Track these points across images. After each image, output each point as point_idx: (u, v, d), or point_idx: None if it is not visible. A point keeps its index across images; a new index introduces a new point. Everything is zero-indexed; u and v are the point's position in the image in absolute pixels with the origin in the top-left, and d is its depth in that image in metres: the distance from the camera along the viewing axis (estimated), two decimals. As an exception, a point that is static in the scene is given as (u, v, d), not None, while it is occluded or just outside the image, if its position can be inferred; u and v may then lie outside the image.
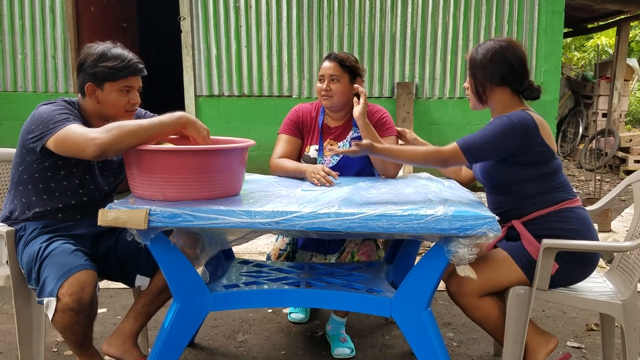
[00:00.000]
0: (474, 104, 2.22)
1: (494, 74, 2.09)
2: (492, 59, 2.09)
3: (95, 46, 2.10)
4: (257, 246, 4.14)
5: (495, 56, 2.09)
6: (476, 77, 2.13)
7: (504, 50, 2.09)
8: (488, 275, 2.04)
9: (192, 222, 1.81)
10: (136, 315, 2.20)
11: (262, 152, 5.69)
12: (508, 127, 1.99)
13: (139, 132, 1.88)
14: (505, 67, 2.08)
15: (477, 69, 2.12)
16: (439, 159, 2.06)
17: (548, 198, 2.07)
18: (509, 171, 2.08)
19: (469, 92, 2.20)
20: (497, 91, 2.12)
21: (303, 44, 5.78)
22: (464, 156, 2.02)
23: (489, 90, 2.12)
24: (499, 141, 2.00)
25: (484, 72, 2.10)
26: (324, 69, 2.59)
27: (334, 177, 2.35)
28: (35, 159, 2.05)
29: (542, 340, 2.10)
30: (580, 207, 2.11)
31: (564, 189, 2.11)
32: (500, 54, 2.09)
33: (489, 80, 2.11)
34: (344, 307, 2.18)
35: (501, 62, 2.08)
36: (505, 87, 2.11)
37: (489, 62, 2.09)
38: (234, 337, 2.74)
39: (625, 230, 4.68)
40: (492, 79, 2.10)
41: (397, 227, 1.78)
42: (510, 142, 2.00)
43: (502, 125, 2.00)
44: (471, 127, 5.81)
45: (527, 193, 2.08)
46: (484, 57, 2.10)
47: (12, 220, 2.14)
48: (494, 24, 5.74)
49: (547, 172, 2.07)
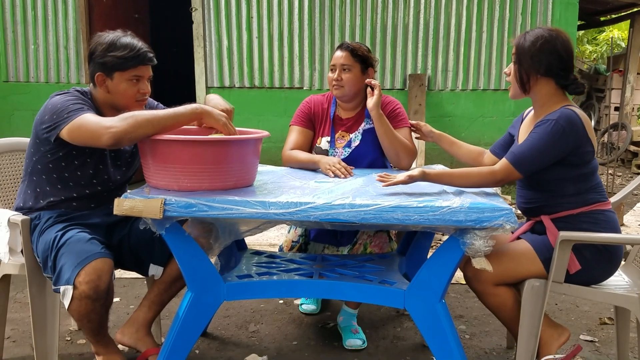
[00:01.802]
0: (514, 93, 2.13)
1: (540, 63, 2.01)
2: (541, 48, 2.01)
3: (105, 35, 2.09)
4: (268, 237, 4.15)
5: (545, 45, 2.01)
6: (522, 64, 2.05)
7: (554, 40, 2.01)
8: (508, 265, 2.02)
9: (207, 212, 1.81)
10: (150, 304, 2.22)
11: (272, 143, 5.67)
12: (558, 133, 1.93)
13: (153, 121, 1.88)
14: (553, 58, 2.01)
15: (523, 56, 2.04)
16: (494, 180, 2.00)
17: (582, 198, 2.04)
18: (549, 170, 2.02)
19: (511, 79, 2.12)
20: (541, 82, 2.05)
21: (314, 35, 5.76)
22: (518, 171, 1.97)
23: (534, 79, 2.05)
24: (551, 149, 1.95)
25: (531, 61, 2.02)
26: (336, 58, 2.58)
27: (350, 173, 2.35)
28: (49, 149, 2.05)
29: (554, 333, 2.09)
30: (610, 211, 2.08)
31: (598, 190, 2.07)
32: (550, 43, 2.01)
33: (534, 70, 2.03)
34: (357, 299, 2.18)
35: (550, 52, 2.01)
36: (550, 78, 2.04)
37: (537, 50, 2.01)
38: (246, 327, 2.74)
39: (638, 225, 4.65)
40: (539, 69, 2.02)
41: (413, 219, 1.77)
42: (562, 148, 1.95)
43: (552, 132, 1.94)
44: (484, 119, 5.78)
45: (563, 192, 2.04)
46: (532, 45, 2.02)
47: (26, 209, 2.15)
48: (507, 15, 5.69)
49: (585, 172, 2.03)
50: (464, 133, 5.84)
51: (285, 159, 2.62)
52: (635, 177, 7.40)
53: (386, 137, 2.49)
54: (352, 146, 2.63)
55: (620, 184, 6.87)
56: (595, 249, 2.01)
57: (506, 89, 5.74)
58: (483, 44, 5.75)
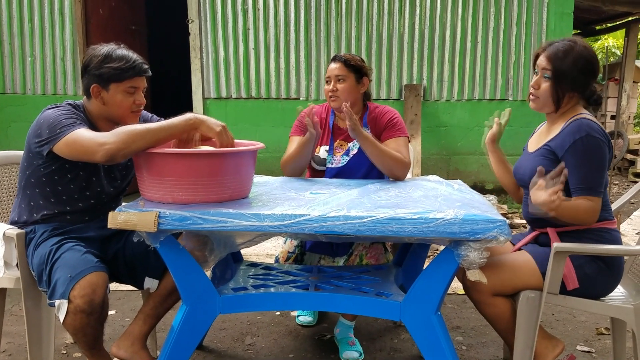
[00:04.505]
0: (541, 106, 2.10)
1: (579, 84, 2.02)
2: (582, 70, 2.00)
3: (99, 48, 2.11)
4: (264, 248, 4.14)
5: (586, 67, 2.01)
6: (560, 83, 2.02)
7: (593, 60, 2.01)
8: (507, 276, 2.02)
9: (202, 225, 1.80)
10: (145, 317, 2.21)
11: (269, 154, 5.70)
12: (601, 146, 1.94)
13: (147, 135, 1.87)
14: (592, 78, 2.02)
15: (563, 76, 2.01)
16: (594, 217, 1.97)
17: None
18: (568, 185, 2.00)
19: (540, 93, 2.07)
20: (571, 99, 2.06)
21: (311, 46, 5.79)
22: (599, 197, 1.96)
23: (569, 97, 2.05)
24: (604, 162, 1.95)
25: (573, 81, 2.01)
26: (330, 70, 2.62)
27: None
28: (41, 163, 2.05)
29: (549, 345, 2.08)
30: (615, 230, 2.08)
31: (606, 208, 2.06)
32: (591, 64, 2.01)
33: (570, 88, 2.03)
34: (353, 311, 2.17)
35: (590, 73, 2.01)
36: (577, 95, 2.06)
37: (579, 71, 2.00)
38: (242, 339, 2.74)
39: (634, 233, 4.65)
40: (575, 87, 2.03)
41: (407, 231, 1.77)
42: (608, 158, 1.97)
43: (597, 148, 1.94)
44: (479, 129, 5.78)
45: None
46: (574, 65, 2.00)
47: (21, 223, 2.15)
48: (502, 25, 5.72)
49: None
50: (460, 143, 5.86)
51: (282, 166, 2.63)
52: (632, 185, 7.41)
53: (375, 156, 2.49)
54: (350, 154, 2.64)
55: (617, 193, 6.88)
56: (596, 265, 2.01)
57: (502, 99, 5.79)
58: (478, 54, 5.78)
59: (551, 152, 2.04)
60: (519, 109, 5.77)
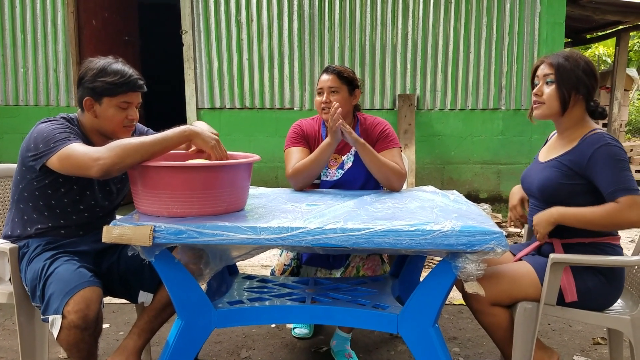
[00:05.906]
0: (546, 112, 2.10)
1: (584, 84, 2.04)
2: (584, 70, 2.04)
3: (96, 61, 2.09)
4: (259, 259, 4.12)
5: (588, 67, 2.05)
6: (564, 82, 2.04)
7: (593, 65, 2.07)
8: (507, 286, 2.02)
9: (197, 238, 1.79)
10: (139, 331, 2.18)
11: (264, 164, 5.70)
12: (622, 153, 1.96)
13: (141, 149, 1.86)
14: (594, 81, 2.05)
15: (566, 75, 2.04)
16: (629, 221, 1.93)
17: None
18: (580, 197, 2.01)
19: (545, 98, 2.08)
20: (578, 103, 2.07)
21: (304, 56, 5.79)
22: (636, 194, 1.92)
23: (574, 99, 2.06)
24: (628, 166, 1.96)
25: (576, 80, 2.03)
26: (323, 81, 2.59)
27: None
28: (35, 177, 2.04)
29: (544, 355, 2.08)
30: (619, 246, 2.08)
31: None
32: (591, 66, 2.06)
33: (576, 89, 2.04)
34: (350, 324, 2.15)
35: (591, 74, 2.05)
36: (583, 102, 2.07)
37: (582, 71, 2.04)
38: (237, 353, 2.71)
39: (629, 242, 4.66)
40: (579, 88, 2.04)
41: (404, 243, 1.76)
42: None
43: (619, 153, 1.95)
44: (472, 138, 5.81)
45: None
46: (576, 65, 2.04)
47: (14, 237, 2.13)
48: (494, 35, 5.76)
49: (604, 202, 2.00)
50: (454, 152, 5.87)
51: (293, 175, 2.51)
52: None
53: (372, 164, 2.48)
54: (345, 168, 2.63)
55: (610, 201, 6.89)
56: (597, 279, 2.01)
57: (494, 108, 5.81)
58: (471, 64, 5.81)
59: (564, 166, 2.04)
60: (511, 119, 5.81)
